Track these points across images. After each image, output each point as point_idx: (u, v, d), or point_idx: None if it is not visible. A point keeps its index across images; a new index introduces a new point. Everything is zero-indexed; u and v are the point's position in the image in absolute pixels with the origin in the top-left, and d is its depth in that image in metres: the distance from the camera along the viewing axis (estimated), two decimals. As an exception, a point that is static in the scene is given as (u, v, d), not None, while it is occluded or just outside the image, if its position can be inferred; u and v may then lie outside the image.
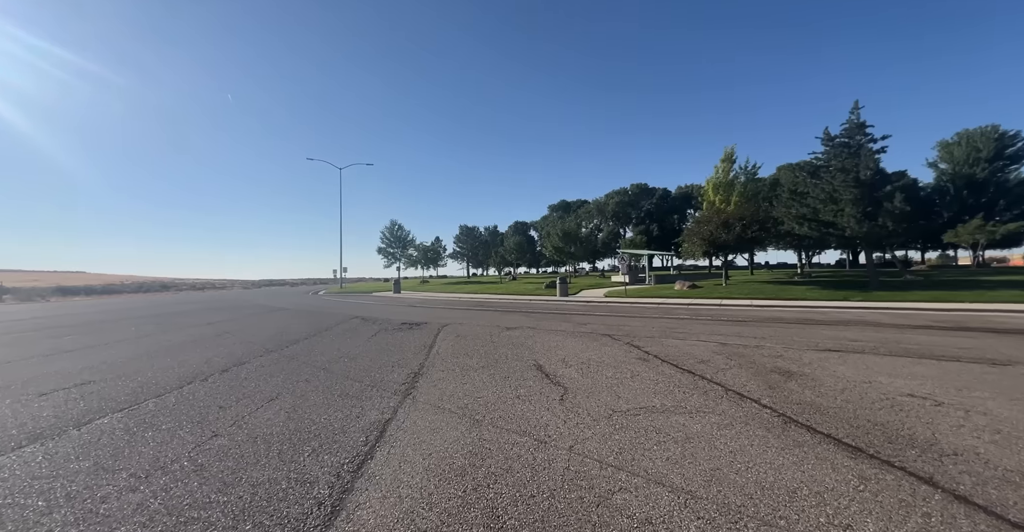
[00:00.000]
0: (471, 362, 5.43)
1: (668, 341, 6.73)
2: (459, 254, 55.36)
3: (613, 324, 9.07)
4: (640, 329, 8.18)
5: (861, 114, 14.30)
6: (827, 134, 15.00)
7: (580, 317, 10.66)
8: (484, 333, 8.06)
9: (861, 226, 13.14)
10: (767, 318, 9.63)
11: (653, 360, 5.32)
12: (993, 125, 23.45)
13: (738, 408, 3.41)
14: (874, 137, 14.34)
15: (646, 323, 9.14)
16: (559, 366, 5.09)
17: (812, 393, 3.76)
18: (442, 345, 6.81)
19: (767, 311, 11.09)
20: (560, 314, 11.55)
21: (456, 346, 6.66)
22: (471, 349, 6.35)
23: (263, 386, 4.41)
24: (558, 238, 36.47)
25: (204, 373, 5.04)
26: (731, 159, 21.72)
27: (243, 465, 2.55)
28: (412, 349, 6.48)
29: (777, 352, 5.61)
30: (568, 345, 6.53)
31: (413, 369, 5.13)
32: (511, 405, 3.64)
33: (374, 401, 3.84)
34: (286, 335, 8.31)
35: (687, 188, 55.51)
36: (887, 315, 9.57)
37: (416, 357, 5.86)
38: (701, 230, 17.32)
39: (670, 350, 5.94)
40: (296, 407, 3.68)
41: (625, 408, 3.49)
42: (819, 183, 14.43)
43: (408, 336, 7.89)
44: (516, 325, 9.18)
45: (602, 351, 5.98)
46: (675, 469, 2.39)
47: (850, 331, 7.36)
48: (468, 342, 7.03)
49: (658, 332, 7.72)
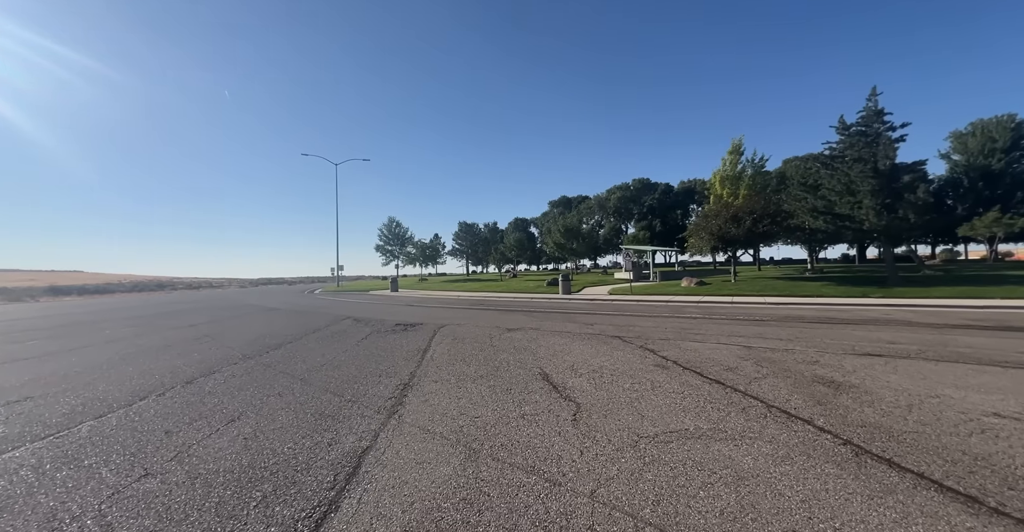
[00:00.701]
0: (468, 370, 4.83)
1: (685, 344, 6.12)
2: (458, 251, 54.66)
3: (622, 324, 8.46)
4: (652, 330, 7.58)
5: (879, 101, 13.68)
6: (842, 123, 14.31)
7: (585, 316, 10.05)
8: (483, 335, 7.47)
9: (880, 219, 12.50)
10: (786, 317, 9.02)
11: (673, 367, 4.71)
12: (1010, 114, 22.69)
13: (789, 432, 2.81)
14: (893, 125, 13.68)
15: (657, 323, 8.54)
16: (568, 375, 4.49)
17: (873, 411, 3.15)
18: (437, 349, 6.21)
19: (784, 309, 10.48)
20: (564, 313, 10.95)
21: (453, 351, 6.06)
22: (469, 354, 5.75)
23: (226, 403, 3.81)
24: (560, 234, 35.80)
25: (164, 386, 4.44)
26: (739, 151, 21.03)
27: (163, 524, 1.95)
28: (404, 355, 5.88)
29: (811, 357, 5.00)
30: (575, 349, 5.93)
31: (403, 379, 4.54)
32: (515, 427, 3.04)
33: (352, 422, 3.24)
34: (269, 338, 7.71)
35: (690, 183, 54.77)
36: (916, 313, 8.95)
37: (408, 364, 5.27)
38: (709, 224, 16.66)
39: (689, 355, 5.33)
40: (258, 431, 3.09)
41: (652, 432, 2.89)
42: (835, 174, 13.75)
43: (401, 339, 7.30)
44: (518, 326, 8.58)
45: (614, 356, 5.38)
46: (736, 529, 1.79)
47: (884, 332, 6.75)
48: (466, 346, 6.43)
49: (672, 333, 7.12)
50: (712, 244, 16.88)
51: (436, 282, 35.95)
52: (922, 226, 13.17)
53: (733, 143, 21.23)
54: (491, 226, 60.27)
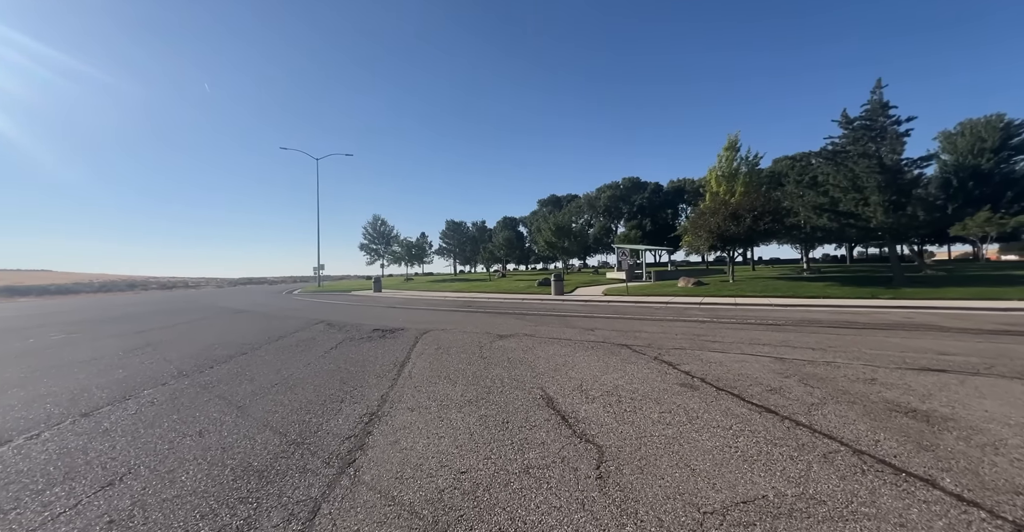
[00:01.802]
0: (454, 392, 3.90)
1: (705, 355, 5.30)
2: (446, 250, 53.40)
3: (626, 330, 7.62)
4: (661, 337, 6.75)
5: (884, 94, 13.18)
6: (845, 117, 13.78)
7: (583, 320, 9.19)
8: (472, 343, 6.53)
9: (888, 216, 11.99)
10: (801, 321, 8.30)
11: (704, 387, 3.86)
12: (998, 114, 22.70)
13: (917, 504, 1.95)
14: (899, 119, 13.20)
15: (664, 328, 7.72)
16: (577, 399, 3.60)
17: (1007, 462, 2.33)
18: (417, 363, 5.26)
19: (795, 312, 9.79)
20: (559, 316, 10.08)
21: (435, 364, 5.11)
22: (454, 369, 4.82)
23: (121, 446, 2.81)
24: (550, 232, 34.97)
25: (49, 419, 3.40)
26: (735, 147, 20.46)
27: None
28: (377, 370, 4.91)
29: (863, 373, 4.21)
30: (580, 362, 5.04)
31: (371, 406, 3.58)
32: (517, 493, 2.13)
33: (286, 483, 2.29)
34: (222, 348, 6.64)
35: (679, 182, 54.61)
36: (941, 317, 8.33)
37: (380, 383, 4.31)
38: (707, 222, 15.98)
39: (716, 369, 4.50)
40: (140, 502, 2.10)
41: (717, 502, 2.01)
42: (840, 169, 13.19)
43: (377, 348, 6.31)
44: (510, 332, 7.67)
45: (628, 372, 4.51)
46: None
47: (922, 339, 6.04)
48: (451, 358, 5.49)
49: (686, 341, 6.29)
50: (711, 243, 16.25)
51: (422, 282, 34.78)
52: (930, 223, 12.75)
53: (729, 139, 20.67)
54: (479, 225, 59.21)
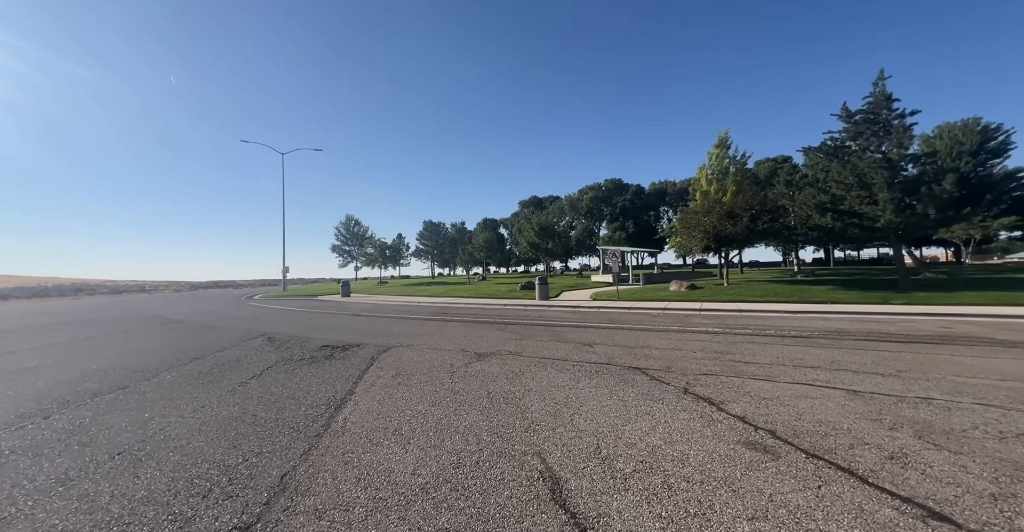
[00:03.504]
0: (401, 468, 2.44)
1: (748, 385, 4.02)
2: (423, 252, 51.27)
3: (630, 344, 6.31)
4: (677, 355, 5.45)
5: (886, 85, 12.49)
6: (846, 110, 13.02)
7: (577, 331, 7.85)
8: (441, 366, 5.07)
9: (897, 215, 11.22)
10: (829, 332, 7.20)
11: (785, 451, 2.54)
12: (975, 117, 22.87)
13: None
14: (903, 112, 12.54)
15: (676, 342, 6.45)
16: (600, 482, 2.22)
17: None
18: (361, 402, 3.77)
19: (811, 320, 8.73)
20: (547, 326, 8.70)
21: (386, 405, 3.64)
22: (411, 415, 3.36)
23: None
24: (533, 233, 33.62)
25: None
26: (725, 145, 19.64)
27: None
28: (299, 417, 3.40)
29: (989, 419, 2.99)
30: (586, 398, 3.67)
31: (254, 503, 2.09)
32: None
33: None
34: (105, 376, 4.94)
35: (661, 184, 54.44)
36: (981, 326, 7.36)
37: (292, 446, 2.82)
38: (701, 222, 14.99)
39: (779, 412, 3.21)
40: None
41: None
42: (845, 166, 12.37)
43: (314, 376, 4.77)
44: (491, 348, 6.24)
45: (658, 417, 3.17)
46: None
47: (997, 357, 4.94)
48: (410, 392, 4.02)
49: (711, 361, 5.01)
50: (705, 243, 15.27)
51: (397, 285, 32.84)
52: (941, 223, 12.10)
53: (719, 136, 19.84)
54: (459, 226, 57.50)
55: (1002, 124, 22.82)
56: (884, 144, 12.45)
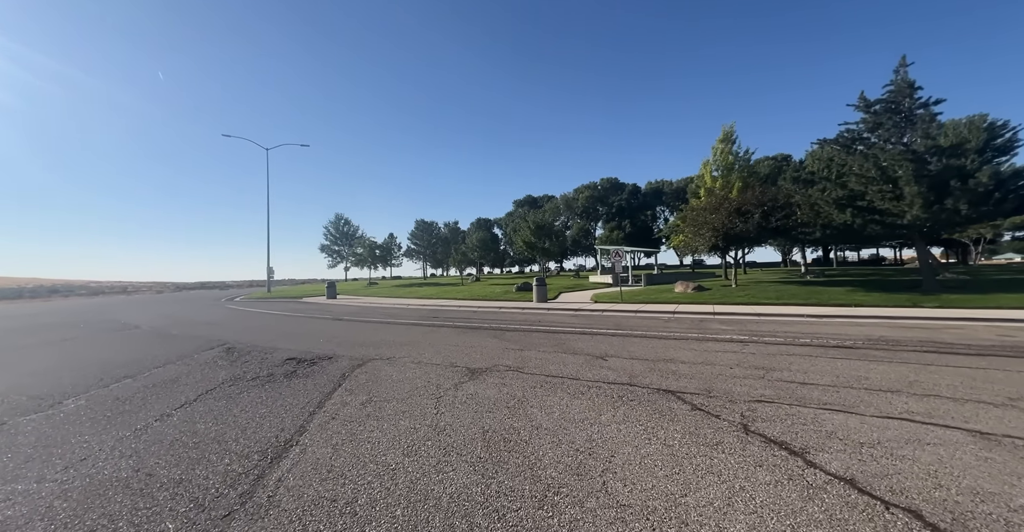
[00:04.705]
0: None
1: (824, 418, 3.08)
2: (415, 252, 50.02)
3: (650, 357, 5.36)
4: (712, 372, 4.51)
5: (908, 73, 11.76)
6: (863, 99, 12.25)
7: (584, 340, 6.88)
8: (426, 387, 4.07)
9: (925, 211, 10.44)
10: (876, 340, 6.31)
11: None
12: (981, 114, 22.40)
13: None
14: (927, 101, 11.82)
15: (702, 354, 5.50)
16: None
17: None
18: (313, 445, 2.75)
19: (846, 326, 7.85)
20: (550, 333, 7.74)
21: (345, 453, 2.62)
22: (377, 472, 2.36)
23: None
24: (529, 232, 32.59)
25: None
26: (730, 139, 18.84)
27: None
28: (213, 478, 2.38)
29: None
30: (616, 443, 2.70)
31: None
32: None
33: None
34: (-14, 409, 3.85)
35: (657, 184, 53.78)
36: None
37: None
38: (709, 219, 14.12)
39: (902, 473, 2.27)
40: None
41: None
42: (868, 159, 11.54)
43: (262, 404, 3.74)
44: (487, 362, 5.25)
45: (729, 482, 2.20)
46: None
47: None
48: (381, 431, 3.01)
49: (759, 382, 4.07)
50: (713, 242, 14.40)
51: (387, 287, 31.65)
52: (974, 219, 11.38)
53: (724, 130, 19.01)
54: (452, 225, 56.35)
55: (1008, 121, 22.30)
56: (906, 135, 11.72)
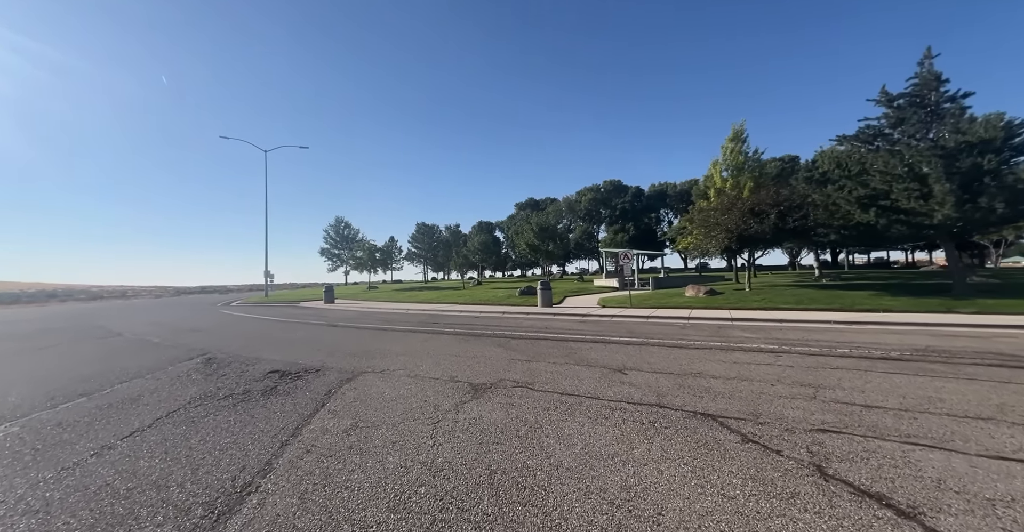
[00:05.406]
0: None
1: (917, 457, 2.49)
2: (416, 255, 49.43)
3: (675, 371, 4.75)
4: (751, 390, 3.91)
5: (933, 64, 11.23)
6: (885, 93, 11.69)
7: (597, 349, 6.28)
8: (421, 409, 3.48)
9: (957, 210, 9.85)
10: (922, 351, 5.70)
11: None
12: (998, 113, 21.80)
13: None
14: (955, 94, 11.27)
15: (734, 367, 4.90)
16: None
17: None
18: (275, 495, 2.15)
19: (881, 333, 7.24)
20: (559, 341, 7.14)
21: (315, 506, 2.02)
22: None
23: None
24: (533, 234, 31.98)
25: None
26: (741, 138, 18.27)
27: None
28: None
29: None
30: (660, 491, 2.09)
31: None
32: None
33: None
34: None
35: (661, 186, 53.21)
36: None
37: None
38: (721, 220, 13.50)
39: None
40: None
41: None
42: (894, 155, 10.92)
43: (227, 431, 3.15)
44: (491, 377, 4.65)
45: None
46: None
47: None
48: (365, 472, 2.42)
49: (811, 404, 3.47)
50: (726, 244, 13.78)
51: (387, 291, 31.06)
52: (1009, 219, 10.78)
53: (734, 129, 18.44)
54: (453, 228, 55.72)
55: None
56: (933, 130, 11.14)
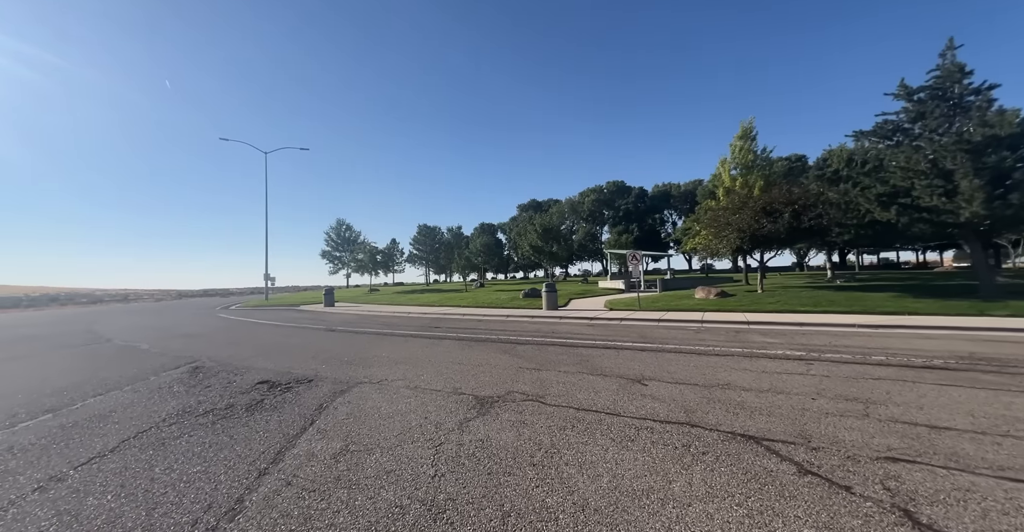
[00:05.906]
0: None
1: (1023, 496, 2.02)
2: (417, 258, 49.09)
3: (698, 380, 4.32)
4: (790, 405, 3.48)
5: (956, 56, 10.78)
6: (904, 87, 11.23)
7: (610, 355, 5.85)
8: (421, 429, 3.06)
9: (985, 207, 9.40)
10: (967, 358, 5.25)
11: None
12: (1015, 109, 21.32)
13: None
14: (979, 86, 10.81)
15: (763, 377, 4.46)
16: None
17: None
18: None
19: (914, 338, 6.77)
20: (568, 347, 6.71)
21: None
22: None
23: None
24: (536, 235, 31.57)
25: None
26: (750, 136, 17.82)
27: None
28: None
29: None
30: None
31: None
32: None
33: None
34: None
35: (664, 187, 52.76)
36: None
37: None
38: (732, 220, 13.05)
39: None
40: None
41: None
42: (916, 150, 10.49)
43: (199, 457, 2.74)
44: (499, 389, 4.23)
45: None
46: None
47: None
48: (352, 512, 1.99)
49: (865, 424, 3.04)
50: (738, 244, 13.32)
51: (388, 293, 30.71)
52: None
53: (743, 126, 17.97)
54: (455, 230, 55.43)
55: (1041, 116, 21.15)
56: (956, 124, 10.69)
